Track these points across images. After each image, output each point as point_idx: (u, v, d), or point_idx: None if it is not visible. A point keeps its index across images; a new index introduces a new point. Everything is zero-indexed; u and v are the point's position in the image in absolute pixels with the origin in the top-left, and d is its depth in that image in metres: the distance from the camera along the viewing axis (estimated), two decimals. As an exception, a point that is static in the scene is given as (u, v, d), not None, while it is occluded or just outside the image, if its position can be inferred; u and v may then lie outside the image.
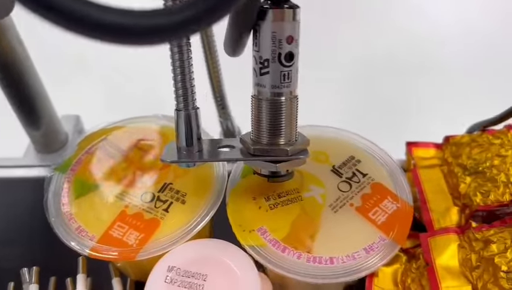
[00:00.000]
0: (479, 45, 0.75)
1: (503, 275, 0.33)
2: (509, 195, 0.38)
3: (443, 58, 0.70)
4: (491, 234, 0.36)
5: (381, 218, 0.32)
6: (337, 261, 0.31)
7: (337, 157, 0.36)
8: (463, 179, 0.40)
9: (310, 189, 0.34)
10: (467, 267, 0.36)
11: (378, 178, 0.35)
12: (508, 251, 0.34)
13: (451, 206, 0.40)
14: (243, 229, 0.32)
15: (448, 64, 0.69)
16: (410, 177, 0.44)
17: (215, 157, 0.32)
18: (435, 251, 0.37)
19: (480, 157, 0.41)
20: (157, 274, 0.31)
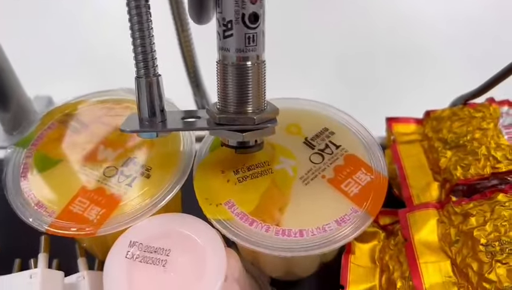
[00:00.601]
0: (462, 27, 0.73)
1: (482, 248, 0.32)
2: (490, 168, 0.36)
3: (427, 40, 0.68)
4: (471, 207, 0.34)
5: (354, 190, 0.31)
6: (306, 234, 0.29)
7: (310, 129, 0.34)
8: (443, 154, 0.39)
9: (281, 161, 0.33)
10: (446, 242, 0.34)
11: (352, 150, 0.33)
12: (487, 224, 0.33)
13: (431, 181, 0.39)
14: (209, 202, 0.31)
15: (432, 47, 0.67)
16: (389, 153, 0.43)
17: (180, 128, 0.30)
18: (414, 226, 0.36)
19: (461, 131, 0.39)
20: (118, 249, 0.29)
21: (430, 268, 0.33)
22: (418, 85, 0.57)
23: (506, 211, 0.33)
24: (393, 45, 0.65)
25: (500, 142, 0.38)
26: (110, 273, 0.28)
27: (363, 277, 0.35)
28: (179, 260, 0.29)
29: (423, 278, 0.33)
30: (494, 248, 0.32)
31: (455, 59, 0.65)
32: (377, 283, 0.35)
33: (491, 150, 0.37)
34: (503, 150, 0.37)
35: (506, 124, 0.40)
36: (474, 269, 0.32)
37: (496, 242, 0.32)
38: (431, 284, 0.33)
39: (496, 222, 0.33)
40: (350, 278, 0.35)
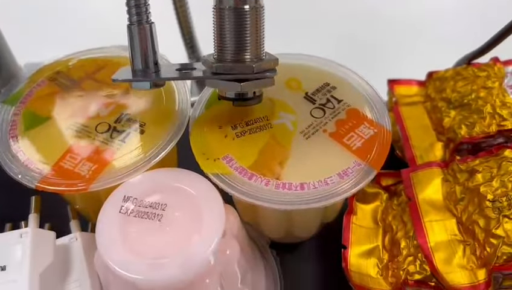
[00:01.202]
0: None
1: (489, 204, 0.31)
2: (495, 126, 0.35)
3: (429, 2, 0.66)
4: (477, 164, 0.33)
5: (356, 143, 0.30)
6: (307, 187, 0.28)
7: (311, 84, 0.33)
8: (447, 113, 0.38)
9: (281, 116, 0.31)
10: (451, 201, 0.33)
11: (354, 104, 0.32)
12: (493, 180, 0.32)
13: (435, 142, 0.38)
14: (206, 157, 0.29)
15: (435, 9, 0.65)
16: (391, 116, 0.41)
17: (174, 77, 0.29)
18: (418, 185, 0.35)
19: (465, 90, 0.38)
20: (111, 204, 0.28)
21: (435, 227, 0.32)
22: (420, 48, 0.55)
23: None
24: (395, 7, 0.62)
25: (506, 100, 0.37)
26: (103, 228, 0.27)
27: (365, 237, 0.34)
28: (175, 215, 0.27)
29: (428, 236, 0.32)
30: (501, 204, 0.31)
31: (458, 22, 0.63)
32: (380, 243, 0.34)
33: (497, 108, 0.36)
34: (509, 108, 0.36)
35: (511, 84, 0.39)
36: (480, 226, 0.31)
37: (503, 197, 0.31)
38: (436, 242, 0.32)
39: (503, 177, 0.32)
40: (352, 239, 0.34)
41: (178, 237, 0.27)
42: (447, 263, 0.31)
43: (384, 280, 0.32)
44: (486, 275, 0.30)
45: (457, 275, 0.30)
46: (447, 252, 0.31)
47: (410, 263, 0.31)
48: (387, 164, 0.39)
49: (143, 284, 0.26)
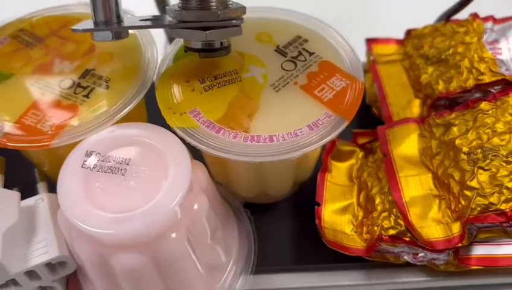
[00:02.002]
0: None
1: (464, 156, 0.31)
2: (473, 80, 0.35)
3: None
4: (453, 117, 0.33)
5: (328, 95, 0.29)
6: (277, 139, 0.27)
7: (282, 37, 0.32)
8: (425, 70, 0.37)
9: (250, 69, 0.30)
10: (427, 156, 0.33)
11: (326, 57, 0.31)
12: (469, 132, 0.31)
13: (412, 99, 0.37)
14: (172, 112, 0.28)
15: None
16: (370, 76, 0.41)
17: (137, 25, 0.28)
18: (393, 141, 0.34)
19: (443, 46, 0.37)
20: (73, 160, 0.27)
21: (410, 182, 0.32)
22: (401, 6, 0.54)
23: (489, 119, 0.31)
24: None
25: (484, 55, 0.36)
26: (65, 184, 0.26)
27: (340, 195, 0.33)
28: (139, 169, 0.27)
29: (403, 191, 0.31)
30: (476, 156, 0.30)
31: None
32: (355, 200, 0.33)
33: (474, 62, 0.35)
34: (487, 62, 0.35)
35: (490, 40, 0.38)
36: (456, 179, 0.30)
37: (479, 149, 0.30)
38: (411, 197, 0.31)
39: (479, 129, 0.31)
40: (326, 196, 0.33)
41: (142, 191, 0.26)
42: (422, 217, 0.30)
43: (358, 237, 0.32)
44: (460, 228, 0.29)
45: (432, 229, 0.30)
46: (422, 207, 0.31)
47: (385, 219, 0.31)
48: (365, 124, 0.39)
49: (106, 239, 0.25)
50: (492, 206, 0.29)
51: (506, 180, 0.29)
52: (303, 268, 0.33)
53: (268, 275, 0.33)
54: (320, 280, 0.32)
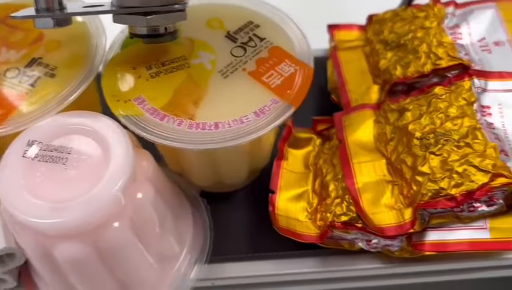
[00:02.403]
0: None
1: (417, 142, 0.30)
2: (430, 65, 0.34)
3: None
4: (407, 102, 0.32)
5: (276, 81, 0.29)
6: (222, 126, 0.27)
7: (233, 23, 0.32)
8: (384, 55, 0.37)
9: (199, 56, 0.30)
10: (382, 142, 0.32)
11: (277, 42, 0.30)
12: (422, 117, 0.31)
13: (371, 85, 0.37)
14: (117, 99, 0.28)
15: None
16: (331, 63, 0.40)
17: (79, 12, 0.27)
18: (349, 128, 0.34)
19: (403, 31, 0.37)
20: (15, 149, 0.27)
21: (363, 168, 0.32)
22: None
23: (443, 103, 0.31)
24: None
25: (443, 40, 0.35)
26: (5, 174, 0.26)
27: (295, 182, 0.33)
28: (80, 158, 0.26)
29: (356, 177, 0.31)
30: (428, 141, 0.30)
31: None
32: (310, 187, 0.33)
33: (433, 47, 0.35)
34: (445, 47, 0.35)
35: (451, 25, 0.37)
36: (408, 164, 0.30)
37: (431, 134, 0.30)
38: (364, 183, 0.31)
39: (432, 114, 0.31)
40: (281, 184, 0.33)
41: (82, 180, 0.25)
42: (374, 203, 0.30)
43: (312, 224, 0.32)
44: (412, 214, 0.29)
45: (383, 215, 0.30)
46: (375, 193, 0.30)
47: (338, 205, 0.31)
48: (326, 111, 0.38)
49: (47, 229, 0.25)
50: (443, 191, 0.28)
51: (456, 165, 0.28)
52: (258, 256, 0.32)
53: (223, 264, 0.32)
54: (276, 268, 0.32)
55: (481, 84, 0.32)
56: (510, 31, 0.37)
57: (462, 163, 0.29)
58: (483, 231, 0.29)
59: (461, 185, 0.28)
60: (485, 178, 0.28)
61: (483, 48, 0.36)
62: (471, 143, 0.29)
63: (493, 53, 0.36)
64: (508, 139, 0.31)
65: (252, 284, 0.33)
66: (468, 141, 0.29)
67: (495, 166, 0.28)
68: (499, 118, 0.32)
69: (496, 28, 0.37)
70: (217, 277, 0.32)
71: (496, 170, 0.28)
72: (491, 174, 0.28)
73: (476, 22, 0.37)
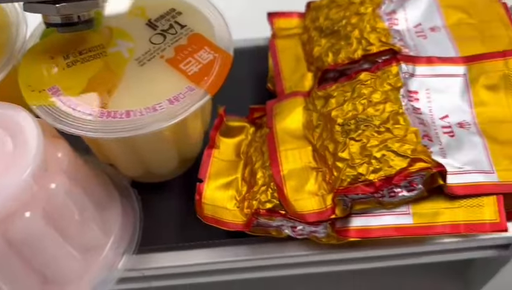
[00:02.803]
0: None
1: (339, 128, 0.30)
2: (361, 51, 0.34)
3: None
4: (333, 89, 0.32)
5: (193, 68, 0.28)
6: (134, 115, 0.27)
7: (156, 10, 0.31)
8: (318, 42, 0.36)
9: (117, 44, 0.30)
10: (309, 129, 0.32)
11: (198, 29, 0.30)
12: (345, 104, 0.31)
13: (306, 73, 0.36)
14: (31, 89, 0.28)
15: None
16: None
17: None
18: (279, 115, 0.33)
19: (337, 17, 0.36)
20: None
21: (289, 155, 0.31)
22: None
23: (367, 89, 0.31)
24: None
25: (377, 25, 0.35)
26: None
27: (225, 170, 0.33)
28: (-11, 149, 0.26)
29: (282, 165, 0.31)
30: (349, 127, 0.30)
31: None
32: (239, 175, 0.33)
33: (365, 33, 0.34)
34: (378, 33, 0.35)
35: (388, 11, 0.37)
36: (330, 151, 0.30)
37: (352, 120, 0.30)
38: (289, 170, 0.31)
39: (355, 100, 0.31)
40: (210, 172, 0.33)
41: (-11, 171, 0.25)
42: (298, 190, 0.30)
43: (240, 212, 0.31)
44: (332, 200, 0.29)
45: (306, 201, 0.29)
46: (299, 180, 0.30)
47: (263, 193, 0.31)
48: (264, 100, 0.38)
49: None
50: (361, 177, 0.28)
51: (375, 150, 0.28)
52: (188, 246, 0.32)
53: (154, 254, 0.32)
54: (205, 256, 0.32)
55: (409, 69, 0.32)
56: (446, 17, 0.37)
57: (380, 148, 0.28)
58: (406, 217, 0.29)
59: (380, 170, 0.28)
60: (404, 163, 0.28)
61: (419, 33, 0.36)
62: (392, 128, 0.29)
63: (428, 38, 0.36)
64: (435, 124, 0.31)
65: (182, 273, 0.33)
66: (388, 126, 0.29)
67: (414, 151, 0.28)
68: (426, 102, 0.32)
69: (432, 13, 0.37)
70: (146, 266, 0.32)
71: (415, 154, 0.28)
72: (409, 159, 0.28)
73: (413, 8, 0.37)
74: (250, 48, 0.41)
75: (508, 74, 0.32)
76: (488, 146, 0.30)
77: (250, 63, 0.41)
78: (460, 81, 0.32)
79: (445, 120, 0.31)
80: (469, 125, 0.31)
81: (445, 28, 0.36)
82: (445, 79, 0.32)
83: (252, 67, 0.40)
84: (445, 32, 0.36)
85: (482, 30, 0.36)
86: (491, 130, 0.31)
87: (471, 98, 0.32)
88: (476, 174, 0.29)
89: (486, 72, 0.32)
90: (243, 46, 0.41)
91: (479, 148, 0.30)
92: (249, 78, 0.40)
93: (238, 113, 0.36)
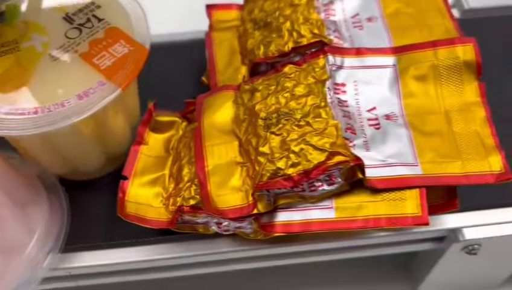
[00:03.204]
0: None
1: (261, 122, 0.30)
2: (292, 43, 0.33)
3: None
4: (259, 82, 0.32)
5: (106, 62, 0.28)
6: (42, 111, 0.26)
7: (74, 4, 0.30)
8: (252, 35, 0.36)
9: (32, 38, 0.29)
10: (237, 123, 0.32)
11: (116, 23, 0.29)
12: (269, 97, 0.30)
13: (240, 66, 0.36)
14: None
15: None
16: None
17: None
18: (208, 110, 0.33)
19: (272, 9, 0.36)
20: None
21: (215, 150, 0.31)
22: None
23: (290, 82, 0.30)
24: None
25: (311, 17, 0.34)
26: None
27: (152, 167, 0.32)
28: None
29: (207, 160, 0.30)
30: (271, 121, 0.29)
31: None
32: (167, 171, 0.32)
33: (296, 25, 0.34)
34: (312, 24, 0.34)
35: (326, 2, 0.36)
36: (253, 145, 0.29)
37: (274, 114, 0.29)
38: (214, 165, 0.30)
39: (278, 94, 0.30)
40: (137, 169, 0.32)
41: None
42: (221, 186, 0.29)
43: (165, 209, 0.31)
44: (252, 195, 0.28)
45: (228, 197, 0.29)
46: (223, 175, 0.30)
47: (187, 189, 0.30)
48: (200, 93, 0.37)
49: None
50: (280, 171, 0.28)
51: (293, 144, 0.28)
52: (116, 244, 0.32)
53: (81, 253, 0.32)
54: (133, 255, 0.32)
55: (336, 61, 0.31)
56: (384, 6, 0.36)
57: (299, 142, 0.28)
58: (329, 211, 0.29)
59: (298, 164, 0.28)
60: (322, 157, 0.27)
61: (356, 24, 0.36)
62: (312, 122, 0.29)
63: (364, 29, 0.35)
64: (361, 117, 0.31)
65: (109, 272, 0.32)
66: (308, 119, 0.29)
67: (333, 144, 0.28)
68: (354, 95, 0.31)
69: (370, 3, 0.36)
70: (73, 265, 0.32)
71: (333, 148, 0.28)
72: (327, 152, 0.27)
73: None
74: (191, 41, 0.40)
75: (437, 64, 0.31)
76: (413, 138, 0.30)
77: (191, 56, 0.40)
78: (390, 72, 0.32)
79: (372, 112, 0.31)
80: (396, 117, 0.31)
81: (383, 18, 0.35)
82: (374, 70, 0.32)
83: (193, 61, 0.40)
84: (381, 23, 0.35)
85: (419, 19, 0.35)
86: (418, 122, 0.30)
87: (400, 89, 0.31)
88: (400, 166, 0.29)
89: (415, 62, 0.31)
90: (182, 40, 0.41)
91: (404, 140, 0.30)
92: (189, 72, 0.39)
93: (176, 108, 0.36)
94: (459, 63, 0.31)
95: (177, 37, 0.40)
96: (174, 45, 0.40)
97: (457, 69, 0.31)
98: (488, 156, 0.29)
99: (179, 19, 0.43)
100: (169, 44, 0.40)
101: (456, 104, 0.31)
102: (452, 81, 0.31)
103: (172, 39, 0.40)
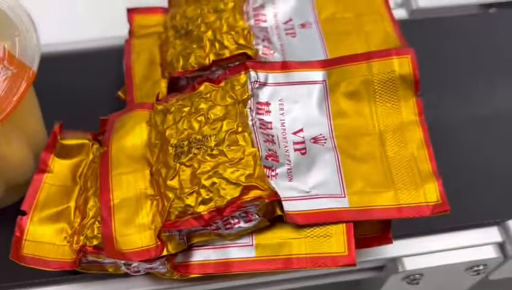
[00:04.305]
0: None
1: (172, 150, 0.26)
2: (214, 55, 0.30)
3: None
4: (173, 102, 0.28)
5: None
6: None
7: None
8: (173, 44, 0.32)
9: None
10: (150, 148, 0.28)
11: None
12: (180, 121, 0.27)
13: (159, 79, 0.32)
14: None
15: None
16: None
17: None
18: (119, 131, 0.29)
19: (194, 15, 0.32)
20: None
21: (124, 180, 0.27)
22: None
23: (206, 104, 0.27)
24: None
25: (237, 24, 0.31)
26: None
27: (56, 198, 0.29)
28: None
29: (113, 193, 0.27)
30: (182, 149, 0.26)
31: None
32: (73, 204, 0.29)
33: (218, 34, 0.30)
34: (237, 33, 0.30)
35: (256, 6, 0.33)
36: (162, 176, 0.26)
37: (186, 141, 0.26)
38: (122, 199, 0.27)
39: (191, 117, 0.27)
40: (38, 200, 0.28)
41: None
42: (127, 223, 0.26)
43: (70, 248, 0.27)
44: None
45: (134, 237, 0.25)
46: (131, 211, 0.26)
47: (91, 226, 0.27)
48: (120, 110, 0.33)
49: None
50: (190, 209, 0.24)
51: (204, 178, 0.25)
52: (13, 285, 0.28)
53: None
54: (35, 298, 0.28)
55: (260, 77, 0.28)
56: (319, 10, 0.33)
57: (210, 175, 0.25)
58: (249, 249, 0.26)
59: (209, 201, 0.24)
60: (236, 192, 0.24)
61: (288, 30, 0.32)
62: (226, 150, 0.25)
63: (298, 37, 0.32)
64: (286, 141, 0.27)
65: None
66: (223, 148, 0.25)
67: (250, 177, 0.25)
68: (279, 115, 0.28)
69: (304, 7, 0.33)
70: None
71: (249, 181, 0.24)
72: (242, 187, 0.24)
73: (284, 1, 0.33)
74: (111, 49, 0.36)
75: (370, 79, 0.28)
76: (341, 164, 0.27)
77: (111, 67, 0.36)
78: (319, 89, 0.28)
79: (298, 134, 0.28)
80: (325, 140, 0.28)
81: (317, 24, 0.32)
82: (303, 87, 0.28)
83: (114, 72, 0.35)
84: (316, 29, 0.32)
85: (357, 24, 0.32)
86: (348, 145, 0.27)
87: (329, 108, 0.28)
88: (325, 198, 0.26)
89: (347, 77, 0.28)
90: (100, 47, 0.36)
91: (332, 166, 0.26)
92: (108, 85, 0.35)
93: (92, 127, 0.32)
94: (395, 77, 0.28)
95: (94, 44, 0.36)
96: (90, 54, 0.36)
97: (392, 84, 0.28)
98: (424, 184, 0.26)
99: (99, 23, 0.38)
100: (85, 53, 0.36)
101: (391, 124, 0.28)
102: (387, 98, 0.28)
103: (87, 46, 0.36)
